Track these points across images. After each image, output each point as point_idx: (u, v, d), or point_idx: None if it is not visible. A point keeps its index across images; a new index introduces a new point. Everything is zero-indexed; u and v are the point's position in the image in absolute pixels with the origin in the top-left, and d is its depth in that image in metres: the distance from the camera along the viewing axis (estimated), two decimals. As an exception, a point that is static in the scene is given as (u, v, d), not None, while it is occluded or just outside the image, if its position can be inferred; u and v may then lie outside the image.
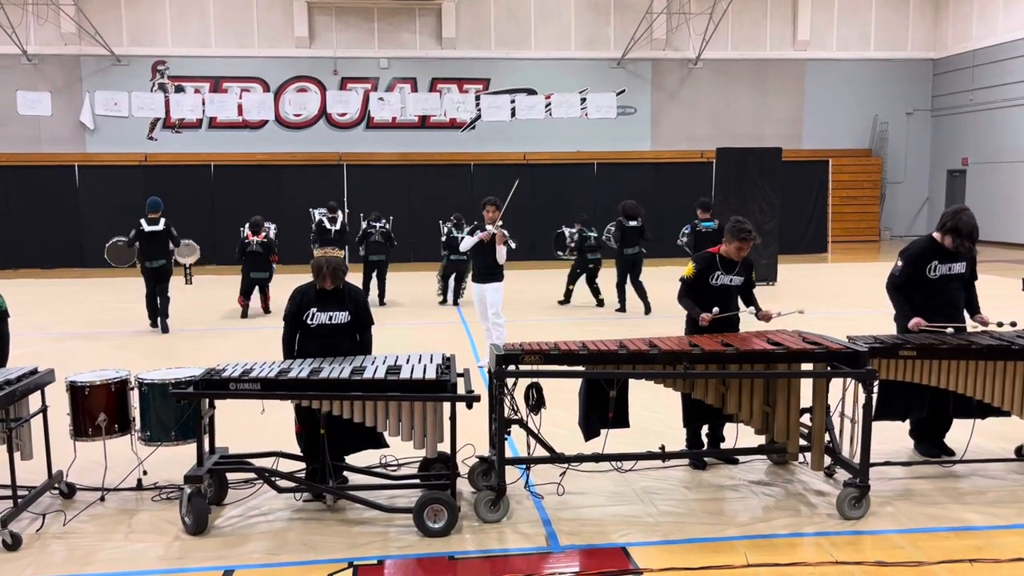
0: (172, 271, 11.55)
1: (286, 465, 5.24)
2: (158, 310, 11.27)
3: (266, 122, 22.78)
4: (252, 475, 5.10)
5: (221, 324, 11.97)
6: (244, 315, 12.44)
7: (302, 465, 5.21)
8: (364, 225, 13.83)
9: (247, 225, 12.94)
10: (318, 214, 13.70)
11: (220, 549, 4.43)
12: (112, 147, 22.11)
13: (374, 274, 13.47)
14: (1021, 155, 22.53)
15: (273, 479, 4.85)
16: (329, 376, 4.64)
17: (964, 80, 24.37)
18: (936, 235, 5.71)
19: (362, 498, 4.84)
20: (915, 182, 26.07)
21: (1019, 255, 20.06)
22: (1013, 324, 5.77)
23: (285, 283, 7.36)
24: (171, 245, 11.42)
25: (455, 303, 13.47)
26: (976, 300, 5.85)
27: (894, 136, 25.52)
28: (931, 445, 5.83)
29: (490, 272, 8.59)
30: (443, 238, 13.88)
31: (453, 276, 13.48)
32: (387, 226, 13.98)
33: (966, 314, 5.79)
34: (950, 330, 5.55)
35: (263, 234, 12.70)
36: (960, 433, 5.79)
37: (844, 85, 24.95)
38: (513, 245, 9.06)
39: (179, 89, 22.32)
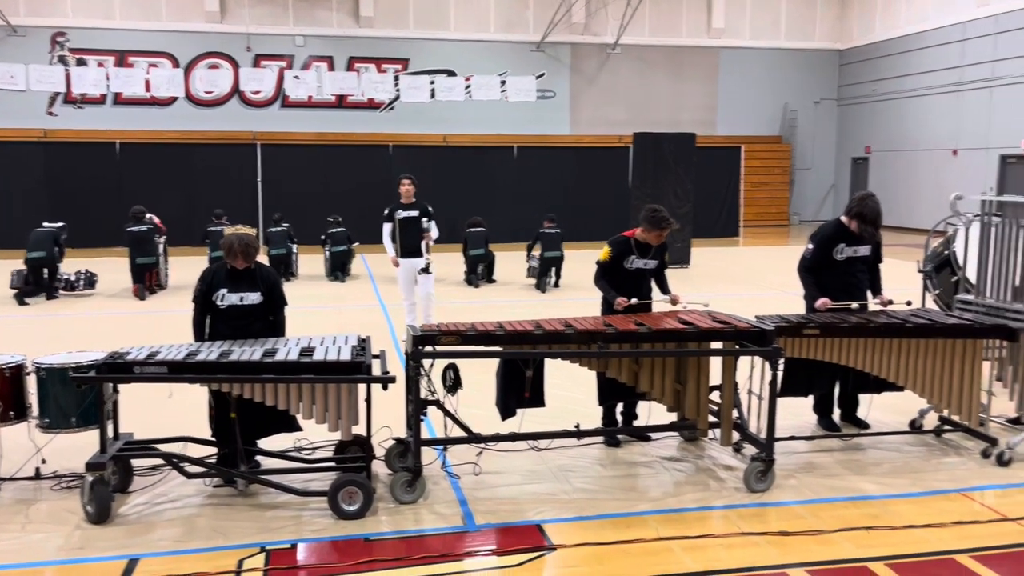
0: (56, 264, 12.15)
1: (196, 451, 5.10)
2: (34, 289, 11.98)
3: (176, 99, 21.92)
4: (159, 461, 4.96)
5: (129, 308, 11.55)
6: (143, 298, 12.11)
7: (213, 450, 5.09)
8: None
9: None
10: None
11: (124, 538, 4.29)
12: (8, 122, 20.96)
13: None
14: (919, 144, 23.59)
15: (181, 465, 4.72)
16: (240, 359, 4.53)
17: (868, 71, 25.34)
18: (844, 219, 5.94)
19: (275, 482, 4.76)
20: (822, 169, 27.03)
21: (917, 239, 21.03)
22: (908, 303, 6.06)
23: (195, 265, 7.12)
24: (56, 245, 12.07)
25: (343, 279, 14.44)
26: (879, 282, 6.11)
27: (803, 124, 26.37)
28: (832, 420, 6.09)
29: (423, 254, 8.95)
30: (323, 236, 14.94)
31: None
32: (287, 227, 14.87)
33: (869, 295, 6.05)
34: (855, 306, 5.79)
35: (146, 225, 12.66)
36: (859, 408, 6.06)
37: (756, 73, 25.63)
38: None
39: (81, 62, 21.29)
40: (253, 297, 5.08)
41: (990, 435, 5.56)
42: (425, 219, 8.90)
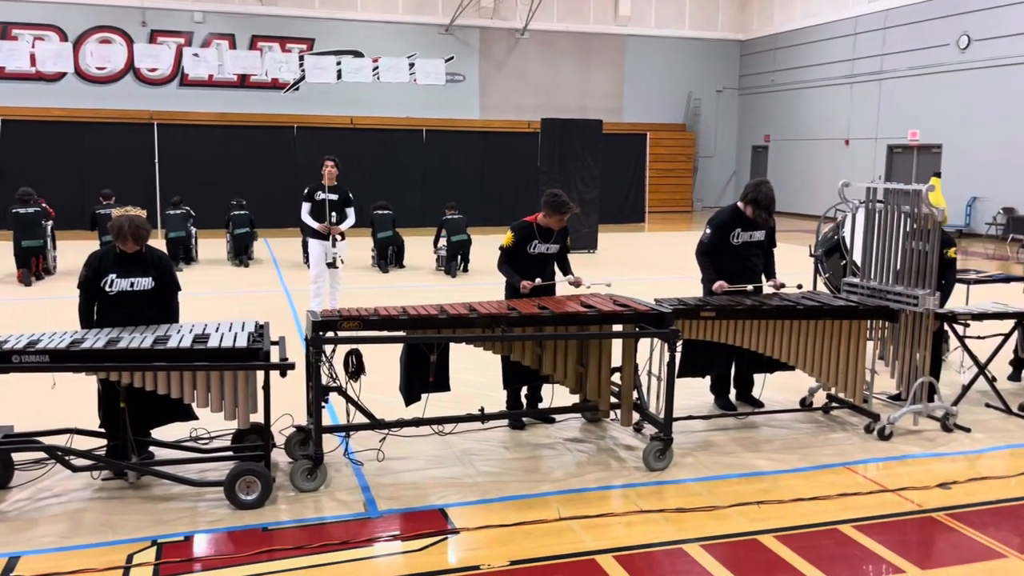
0: None
1: (83, 443, 4.88)
2: None
3: (64, 75, 20.88)
4: (43, 455, 4.72)
5: (13, 295, 10.95)
6: (28, 284, 11.52)
7: (102, 442, 4.88)
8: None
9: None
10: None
11: (3, 535, 4.07)
12: None
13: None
14: (814, 134, 24.56)
15: (67, 458, 4.51)
16: (129, 346, 4.35)
17: (767, 62, 26.17)
18: (740, 205, 6.12)
19: (168, 473, 4.61)
20: (724, 156, 27.83)
21: (812, 225, 21.91)
22: (799, 287, 6.31)
23: (85, 249, 6.80)
24: None
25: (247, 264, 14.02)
26: (773, 266, 6.33)
27: (706, 112, 27.06)
28: (728, 400, 6.30)
29: (332, 247, 8.87)
30: (226, 218, 14.42)
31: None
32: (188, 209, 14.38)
33: (764, 278, 6.26)
34: (750, 288, 5.99)
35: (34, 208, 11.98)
36: (754, 388, 6.29)
37: (662, 61, 26.13)
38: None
39: (-42, 33, 19.99)
40: (144, 282, 4.88)
41: (873, 411, 5.86)
42: (343, 205, 8.82)
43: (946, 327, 6.27)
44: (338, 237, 8.78)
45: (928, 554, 4.12)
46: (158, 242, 8.49)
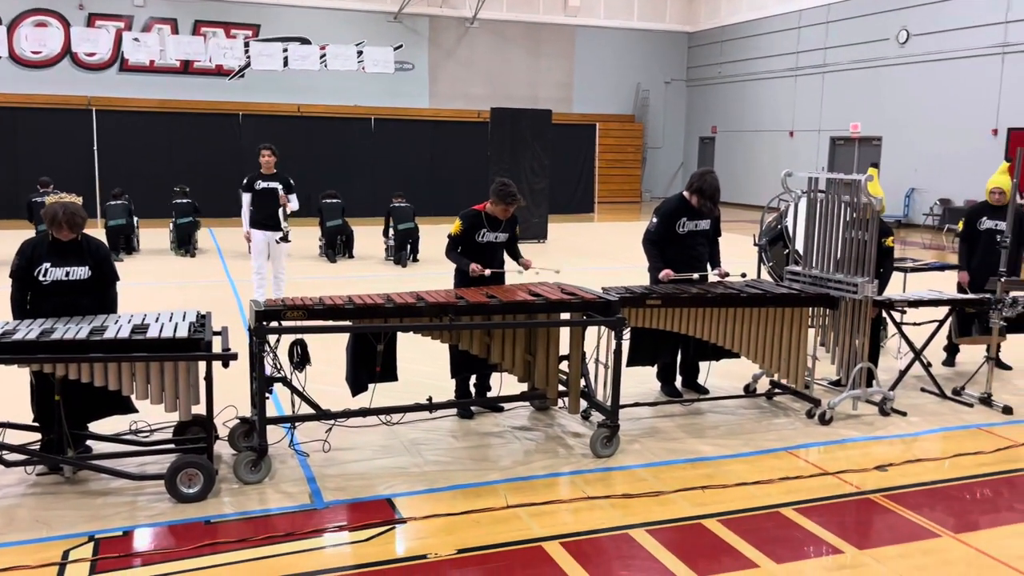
0: None
1: (15, 437, 4.73)
2: None
3: (-3, 58, 20.16)
4: (-27, 450, 4.56)
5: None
6: None
7: (36, 436, 4.73)
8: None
9: None
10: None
11: (-68, 534, 3.94)
12: None
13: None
14: (760, 125, 24.94)
15: (-2, 453, 4.37)
16: (63, 337, 4.22)
17: (714, 54, 26.48)
18: (685, 194, 6.19)
19: (106, 467, 4.49)
20: (672, 147, 28.11)
21: (757, 215, 22.27)
22: (743, 275, 6.41)
23: (20, 238, 6.56)
24: None
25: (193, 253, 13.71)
26: (718, 255, 6.41)
27: (654, 104, 27.28)
28: (674, 387, 6.38)
29: (281, 223, 8.79)
30: (170, 208, 14.14)
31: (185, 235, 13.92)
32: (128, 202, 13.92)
33: (709, 267, 6.34)
34: (695, 276, 6.07)
35: None
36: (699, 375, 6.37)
37: (611, 52, 26.25)
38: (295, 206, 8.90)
39: None
40: (81, 272, 4.74)
41: (814, 396, 5.99)
42: (286, 192, 8.75)
43: (884, 314, 6.43)
44: (287, 210, 8.67)
45: (866, 535, 4.23)
46: (98, 231, 8.27)
